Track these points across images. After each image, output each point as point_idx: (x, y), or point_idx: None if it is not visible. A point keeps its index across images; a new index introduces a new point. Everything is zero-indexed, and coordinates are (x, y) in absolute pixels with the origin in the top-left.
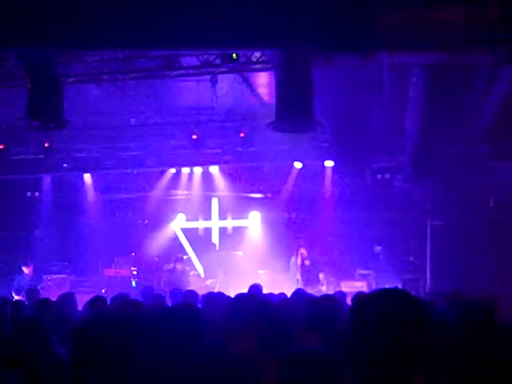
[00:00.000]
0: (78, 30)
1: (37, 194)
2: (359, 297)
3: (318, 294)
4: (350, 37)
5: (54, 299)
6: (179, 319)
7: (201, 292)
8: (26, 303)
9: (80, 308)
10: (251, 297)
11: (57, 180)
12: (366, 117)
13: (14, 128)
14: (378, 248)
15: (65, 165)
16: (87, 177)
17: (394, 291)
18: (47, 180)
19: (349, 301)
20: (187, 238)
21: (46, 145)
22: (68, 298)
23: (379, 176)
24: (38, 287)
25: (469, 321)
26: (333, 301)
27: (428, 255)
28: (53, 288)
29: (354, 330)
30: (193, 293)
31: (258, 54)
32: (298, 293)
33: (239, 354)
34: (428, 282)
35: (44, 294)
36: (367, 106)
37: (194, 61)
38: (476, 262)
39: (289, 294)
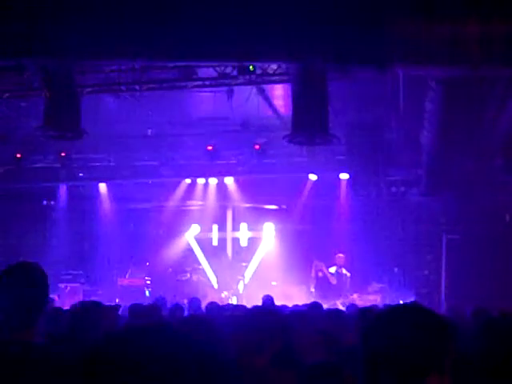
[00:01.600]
0: (95, 40)
1: (52, 202)
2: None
3: (332, 307)
4: (366, 49)
5: (66, 308)
6: (198, 330)
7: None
8: None
9: None
10: (267, 311)
11: (73, 189)
12: (382, 130)
13: (30, 137)
14: (396, 269)
15: (80, 174)
16: (103, 186)
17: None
18: (63, 189)
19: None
20: (201, 249)
21: (63, 154)
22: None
23: (394, 189)
24: (53, 296)
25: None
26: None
27: (443, 269)
28: (66, 296)
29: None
30: (215, 305)
31: (274, 67)
32: (313, 305)
33: (254, 368)
34: (443, 296)
35: (57, 303)
36: (383, 119)
37: (211, 72)
38: (492, 277)
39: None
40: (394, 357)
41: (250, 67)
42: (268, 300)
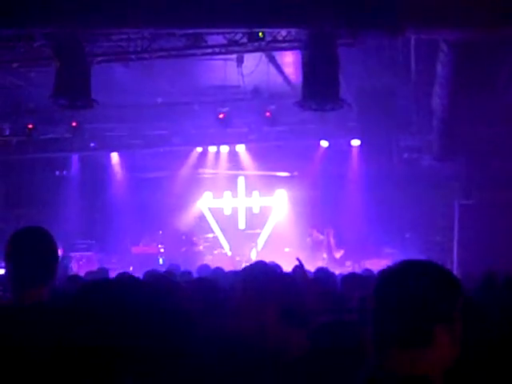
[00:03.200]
0: (104, 7)
1: (65, 172)
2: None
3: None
4: (377, 13)
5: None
6: (201, 291)
7: (227, 269)
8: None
9: None
10: (269, 265)
11: (85, 159)
12: (394, 96)
13: (42, 108)
14: (407, 235)
15: (92, 144)
16: (114, 156)
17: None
18: (75, 159)
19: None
20: (214, 217)
21: (74, 124)
22: (102, 273)
23: (406, 155)
24: (69, 265)
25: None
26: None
27: (455, 235)
28: (81, 265)
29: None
30: (220, 270)
31: (284, 33)
32: (320, 270)
33: (262, 326)
34: (455, 262)
35: (72, 272)
36: (395, 85)
37: (220, 39)
38: (505, 243)
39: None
40: (403, 306)
41: (260, 34)
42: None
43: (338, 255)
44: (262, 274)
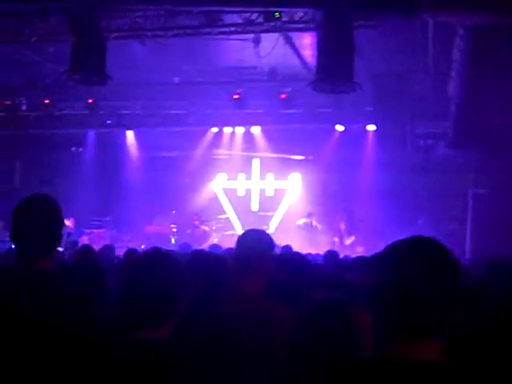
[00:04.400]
0: None
1: (81, 149)
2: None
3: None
4: None
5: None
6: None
7: None
8: (65, 255)
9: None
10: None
11: (100, 136)
12: (411, 81)
13: (59, 83)
14: (420, 221)
15: (108, 121)
16: (130, 134)
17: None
18: (92, 136)
19: None
20: (227, 198)
21: (90, 101)
22: (109, 249)
23: (422, 142)
24: (78, 240)
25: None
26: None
27: (469, 223)
28: (93, 242)
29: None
30: (232, 250)
31: (300, 14)
32: (328, 252)
33: (247, 296)
34: (467, 250)
35: None
36: (411, 69)
37: (236, 19)
38: None
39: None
40: (430, 296)
41: (276, 14)
42: (287, 249)
43: (348, 242)
44: (256, 244)
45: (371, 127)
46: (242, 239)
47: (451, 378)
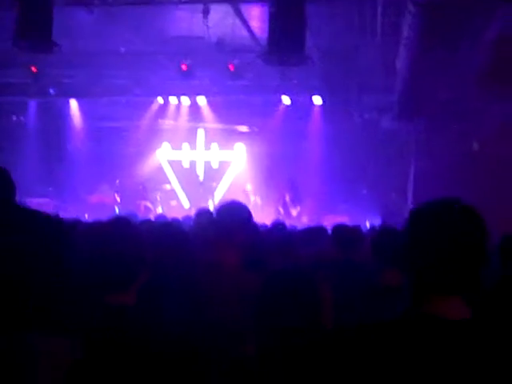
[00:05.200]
0: None
1: (22, 118)
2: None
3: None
4: None
5: None
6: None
7: None
8: None
9: None
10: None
11: (43, 105)
12: (359, 55)
13: (2, 51)
14: (364, 191)
15: (51, 90)
16: (74, 103)
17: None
18: (33, 105)
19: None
20: (172, 169)
21: (34, 69)
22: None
23: (367, 115)
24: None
25: None
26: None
27: (410, 193)
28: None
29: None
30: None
31: None
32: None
33: (224, 269)
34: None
35: None
36: (360, 43)
37: None
38: None
39: None
40: (465, 251)
41: None
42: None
43: (294, 212)
44: (237, 216)
45: (317, 99)
46: (222, 210)
47: (478, 334)
